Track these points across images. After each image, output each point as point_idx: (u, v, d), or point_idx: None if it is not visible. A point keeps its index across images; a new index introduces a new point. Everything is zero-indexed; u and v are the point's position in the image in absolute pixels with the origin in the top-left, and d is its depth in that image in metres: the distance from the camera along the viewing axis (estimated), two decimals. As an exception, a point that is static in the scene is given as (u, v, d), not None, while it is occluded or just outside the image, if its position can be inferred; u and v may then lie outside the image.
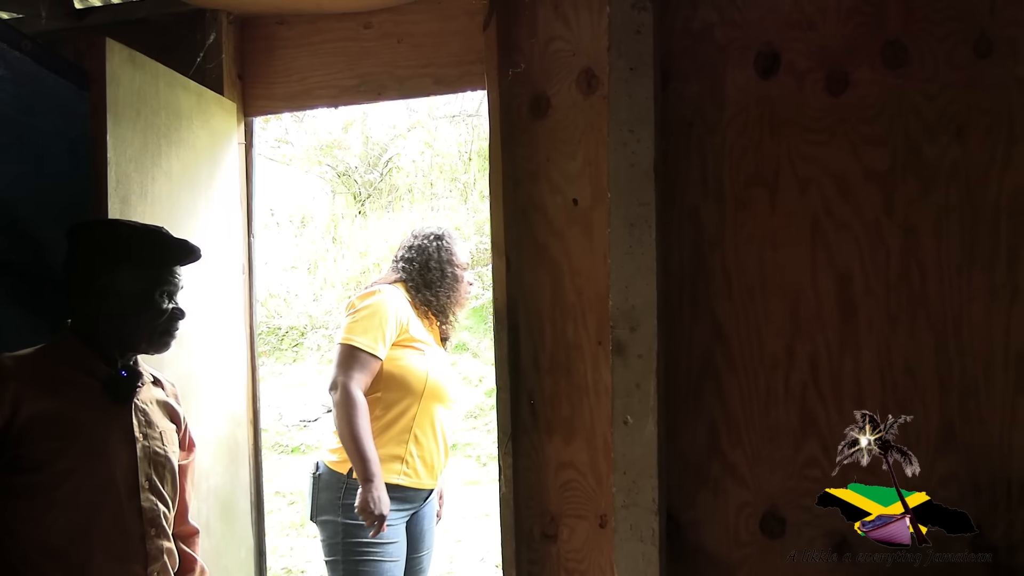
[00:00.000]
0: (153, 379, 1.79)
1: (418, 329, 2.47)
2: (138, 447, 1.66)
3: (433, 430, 2.44)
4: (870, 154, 2.04)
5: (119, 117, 1.98)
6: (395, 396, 2.39)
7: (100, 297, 1.64)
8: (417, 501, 2.48)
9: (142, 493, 1.65)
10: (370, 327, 2.35)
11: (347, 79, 2.57)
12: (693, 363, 2.16)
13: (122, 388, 1.66)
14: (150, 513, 1.66)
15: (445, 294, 2.55)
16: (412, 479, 2.40)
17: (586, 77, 2.26)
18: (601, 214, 2.22)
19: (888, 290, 2.02)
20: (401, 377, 2.39)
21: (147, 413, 1.70)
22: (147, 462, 1.67)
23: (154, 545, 1.66)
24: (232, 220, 2.56)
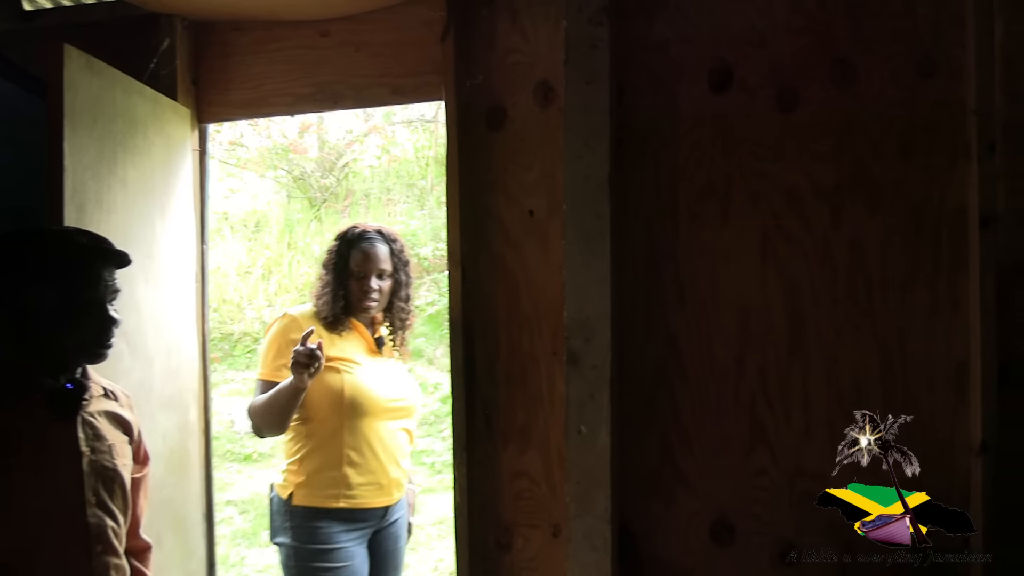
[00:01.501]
0: (104, 390, 1.74)
1: (337, 347, 2.42)
2: (84, 461, 1.61)
3: (370, 446, 2.40)
4: (819, 170, 2.09)
5: (76, 124, 1.95)
6: (318, 421, 2.38)
7: (27, 311, 1.58)
8: (371, 520, 2.44)
9: (88, 508, 1.60)
10: (266, 357, 2.44)
11: (303, 87, 2.56)
12: (646, 373, 2.19)
13: (66, 401, 1.62)
14: (97, 529, 1.62)
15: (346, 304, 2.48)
16: (356, 500, 2.38)
17: (543, 89, 2.28)
18: (557, 225, 2.23)
19: (835, 303, 2.07)
20: (318, 401, 2.37)
21: (95, 426, 1.66)
22: (94, 476, 1.62)
23: (101, 562, 1.62)
24: (186, 228, 2.53)
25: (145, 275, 2.24)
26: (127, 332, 2.12)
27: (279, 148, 9.43)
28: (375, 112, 9.46)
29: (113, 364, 2.03)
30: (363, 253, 2.48)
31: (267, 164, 9.47)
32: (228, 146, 9.34)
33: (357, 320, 2.51)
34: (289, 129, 9.49)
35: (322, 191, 9.08)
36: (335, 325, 2.45)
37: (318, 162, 9.32)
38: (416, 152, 9.29)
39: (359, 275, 2.47)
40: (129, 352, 2.14)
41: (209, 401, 2.67)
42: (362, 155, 9.46)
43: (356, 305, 2.48)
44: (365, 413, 2.39)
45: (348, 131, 9.54)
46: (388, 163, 9.40)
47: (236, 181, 9.39)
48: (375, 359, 2.51)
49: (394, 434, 2.46)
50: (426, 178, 8.96)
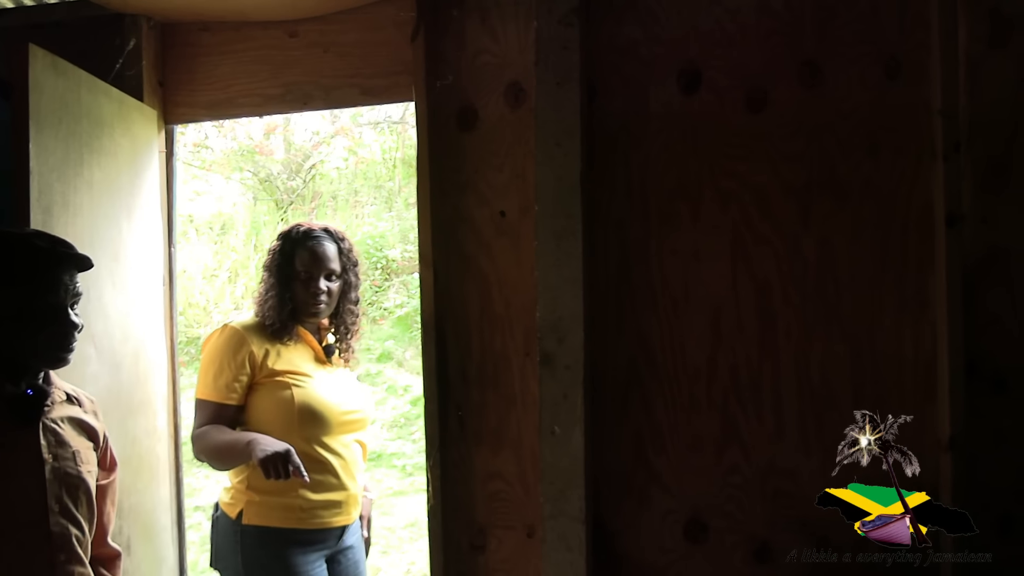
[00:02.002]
0: (67, 396, 1.70)
1: (284, 359, 2.26)
2: (47, 468, 1.57)
3: (325, 464, 2.21)
4: (788, 170, 2.11)
5: (41, 125, 1.92)
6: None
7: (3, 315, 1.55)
8: (329, 541, 2.26)
9: (51, 516, 1.57)
10: (207, 374, 2.23)
11: (272, 88, 2.54)
12: (619, 374, 2.20)
13: (27, 408, 1.58)
14: (60, 538, 1.58)
15: (292, 309, 2.30)
16: (313, 521, 2.20)
17: (513, 90, 2.28)
18: (528, 226, 2.24)
19: (805, 301, 2.10)
20: (267, 417, 2.20)
21: (58, 432, 1.62)
22: (57, 484, 1.59)
23: (64, 571, 1.59)
24: (153, 230, 2.50)
25: (112, 278, 2.21)
26: (94, 336, 2.09)
27: (245, 150, 9.35)
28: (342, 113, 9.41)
29: (80, 369, 2.01)
30: (310, 252, 2.30)
31: (233, 166, 9.38)
32: (193, 148, 9.24)
33: (304, 327, 2.35)
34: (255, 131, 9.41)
35: (289, 193, 9.01)
36: (281, 333, 2.28)
37: (284, 164, 9.24)
38: (383, 153, 9.26)
39: (305, 276, 2.29)
40: (96, 356, 2.10)
41: (178, 406, 2.64)
42: (329, 156, 9.40)
43: (303, 309, 2.30)
44: (318, 428, 2.21)
45: (315, 133, 9.48)
46: (355, 165, 9.35)
47: (201, 183, 9.29)
48: (325, 369, 2.34)
49: (349, 448, 2.29)
50: (394, 179, 8.92)
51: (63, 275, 1.60)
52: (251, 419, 2.23)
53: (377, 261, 7.86)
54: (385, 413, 6.40)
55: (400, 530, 5.04)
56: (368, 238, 8.06)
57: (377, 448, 6.01)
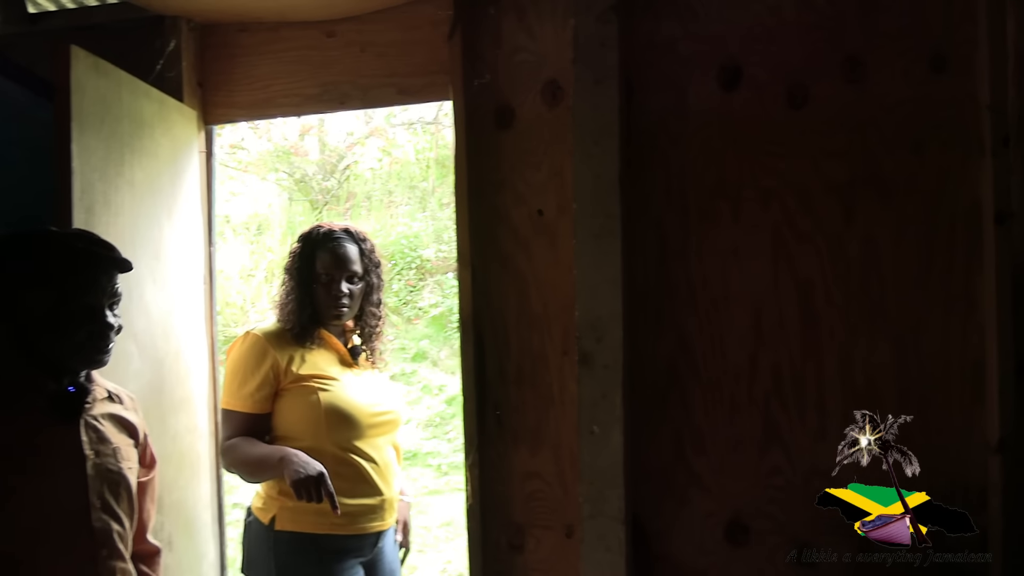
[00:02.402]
0: (108, 393, 1.72)
1: (309, 363, 2.21)
2: (88, 465, 1.59)
3: (357, 468, 2.17)
4: (830, 167, 2.07)
5: (83, 126, 1.94)
6: (298, 444, 2.13)
7: (24, 316, 1.57)
8: (364, 548, 2.22)
9: (93, 512, 1.59)
10: (232, 384, 2.19)
11: (310, 88, 2.55)
12: (658, 373, 2.18)
13: (68, 405, 1.60)
14: (102, 534, 1.60)
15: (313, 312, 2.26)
16: (347, 527, 2.16)
17: (551, 88, 2.27)
18: (566, 225, 2.22)
19: (849, 300, 2.06)
20: (294, 423, 2.17)
21: (99, 429, 1.64)
22: (99, 480, 1.61)
23: (106, 567, 1.60)
24: (194, 230, 2.52)
25: (153, 277, 2.23)
26: (136, 334, 2.12)
27: (280, 151, 9.43)
28: (375, 114, 9.46)
29: (123, 366, 2.03)
30: (330, 254, 2.25)
31: (268, 167, 9.46)
32: (229, 149, 9.33)
33: (327, 330, 2.30)
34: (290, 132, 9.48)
35: (323, 193, 9.07)
36: (303, 337, 2.23)
37: (319, 164, 9.31)
38: (417, 154, 9.29)
39: (327, 279, 2.24)
40: (139, 354, 2.13)
41: (218, 403, 2.65)
42: (363, 157, 9.46)
43: (325, 313, 2.26)
44: (348, 432, 2.17)
45: (349, 133, 9.53)
46: (389, 165, 9.39)
47: (237, 184, 9.39)
48: (352, 372, 2.29)
49: (382, 451, 2.24)
50: (427, 180, 8.95)
51: (100, 276, 1.61)
52: (279, 426, 2.20)
53: (412, 261, 7.89)
54: (420, 413, 6.42)
55: (436, 529, 5.06)
56: (402, 238, 8.10)
57: (412, 447, 6.03)
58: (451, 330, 7.11)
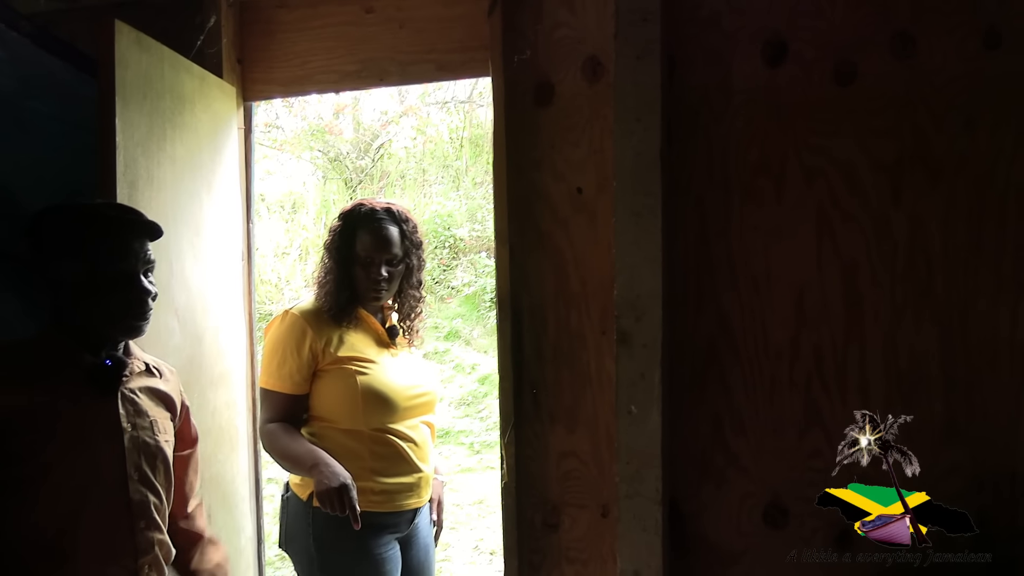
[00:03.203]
0: (147, 366, 1.73)
1: (347, 345, 2.21)
2: (126, 437, 1.61)
3: (394, 448, 2.18)
4: (878, 145, 2.03)
5: (127, 100, 1.94)
6: (334, 424, 2.17)
7: (59, 287, 1.59)
8: (400, 524, 2.24)
9: (131, 484, 1.60)
10: (271, 364, 2.18)
11: (348, 64, 2.54)
12: (697, 353, 2.16)
13: (105, 377, 1.61)
14: (139, 505, 1.62)
15: (352, 293, 2.24)
16: (385, 504, 2.17)
17: (591, 64, 2.24)
18: (605, 203, 2.20)
19: (894, 282, 2.02)
20: (332, 405, 2.18)
21: (136, 402, 1.65)
22: (136, 452, 1.62)
23: (144, 537, 1.62)
24: (232, 205, 2.53)
25: (194, 252, 2.24)
26: (178, 309, 2.13)
27: (315, 129, 9.46)
28: (409, 93, 9.46)
29: (164, 341, 2.05)
30: (371, 236, 2.22)
31: (303, 145, 9.51)
32: (264, 128, 9.38)
33: (365, 310, 2.28)
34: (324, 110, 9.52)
35: (358, 172, 9.10)
36: (341, 318, 2.22)
37: (353, 143, 9.34)
38: (450, 133, 9.27)
39: (366, 261, 2.22)
40: (180, 329, 2.14)
41: (256, 380, 2.68)
42: (397, 136, 9.46)
43: (363, 294, 2.24)
44: (384, 414, 2.18)
45: (383, 112, 9.54)
46: (423, 144, 9.39)
47: (272, 163, 9.44)
48: (388, 352, 2.28)
49: (417, 430, 2.25)
50: (461, 159, 8.94)
51: (132, 242, 1.61)
52: (316, 406, 2.21)
53: (445, 240, 7.90)
54: (453, 391, 6.45)
55: (468, 507, 5.08)
56: (436, 217, 8.10)
57: (445, 426, 6.06)
58: (484, 309, 7.12)
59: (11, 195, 1.95)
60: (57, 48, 2.21)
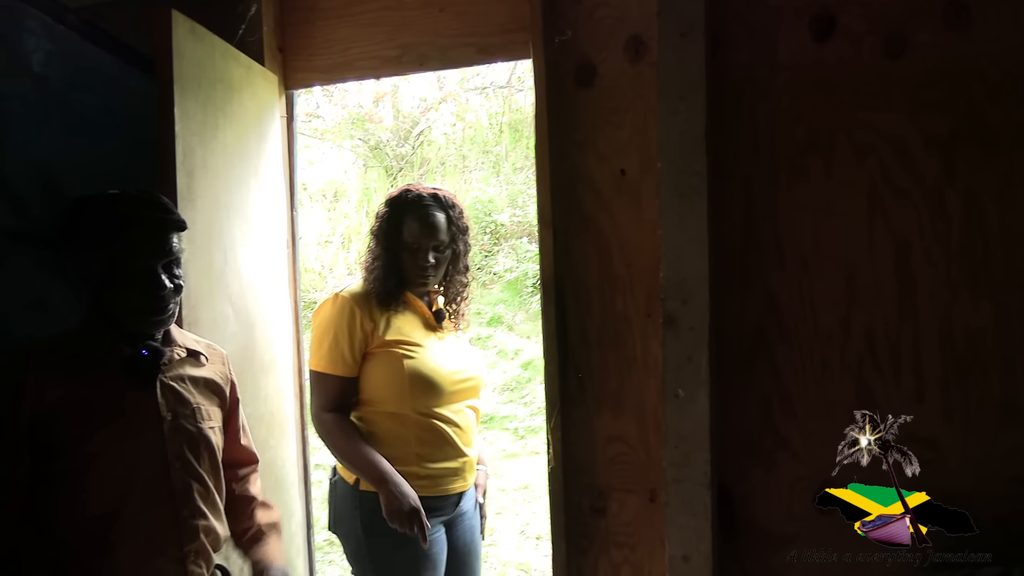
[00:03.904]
0: (188, 352, 1.74)
1: (394, 328, 2.22)
2: (165, 426, 1.62)
3: (439, 432, 2.21)
4: (931, 120, 1.97)
5: (183, 90, 1.95)
6: (381, 407, 2.20)
7: (89, 278, 1.60)
8: (446, 508, 2.26)
9: (173, 472, 1.62)
10: (321, 346, 2.19)
11: (388, 50, 2.54)
12: (745, 336, 2.13)
13: (143, 368, 1.62)
14: (182, 494, 1.64)
15: (399, 279, 2.25)
16: (431, 488, 2.20)
17: (633, 44, 2.21)
18: (650, 184, 2.18)
19: (949, 259, 1.97)
20: (378, 388, 2.20)
21: (176, 390, 1.67)
22: (177, 441, 1.64)
23: (188, 525, 1.64)
24: (277, 193, 2.55)
25: (244, 240, 2.26)
26: (231, 296, 2.15)
27: (355, 118, 9.52)
28: (448, 80, 9.46)
29: (221, 328, 2.08)
30: (419, 223, 2.22)
31: (343, 134, 9.57)
32: (305, 117, 9.45)
33: (413, 294, 2.30)
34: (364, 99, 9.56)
35: (398, 160, 9.14)
36: (389, 302, 2.23)
37: (393, 131, 9.37)
38: (490, 118, 9.26)
39: (413, 248, 2.23)
40: (234, 316, 2.17)
41: (303, 367, 2.70)
42: (436, 123, 9.48)
43: (411, 280, 2.26)
44: (431, 398, 2.19)
45: (422, 99, 9.56)
46: (463, 130, 9.40)
47: (314, 152, 9.52)
48: (435, 336, 2.30)
49: (462, 414, 2.27)
50: (501, 144, 8.93)
51: (153, 236, 1.61)
52: (363, 389, 2.22)
53: (486, 226, 7.90)
54: (496, 377, 6.46)
55: (513, 492, 5.09)
56: (477, 203, 8.11)
57: (489, 411, 6.08)
58: (526, 294, 7.12)
59: (60, 185, 1.97)
60: (104, 41, 2.23)
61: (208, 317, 2.01)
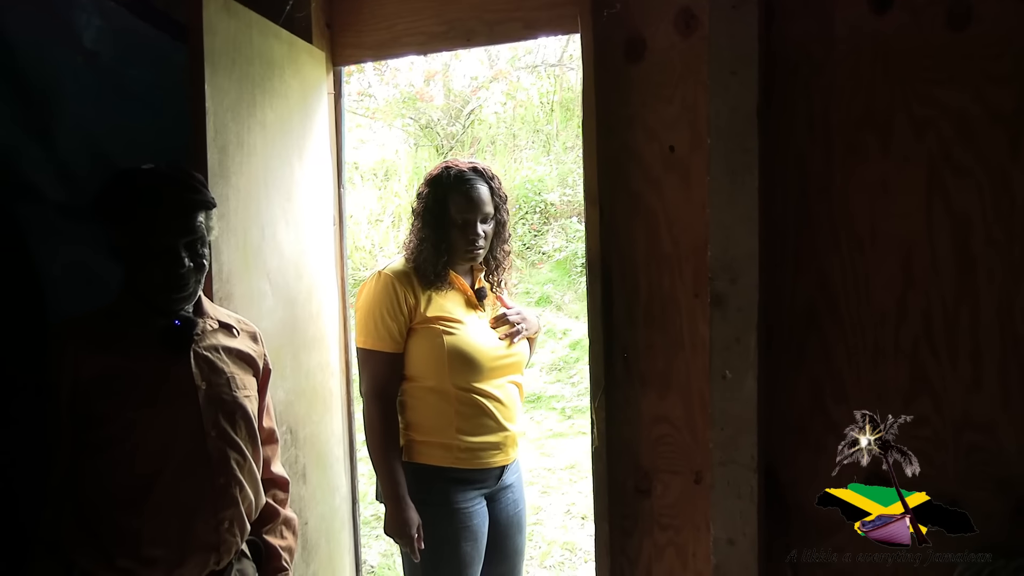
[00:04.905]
0: (220, 323, 1.76)
1: (436, 305, 2.23)
2: (200, 395, 1.65)
3: (480, 407, 2.21)
4: (995, 94, 1.89)
5: (216, 66, 1.96)
6: (423, 383, 2.22)
7: (119, 253, 1.63)
8: (488, 481, 2.27)
9: (208, 441, 1.65)
10: (368, 324, 2.21)
11: (435, 25, 2.52)
12: (796, 317, 2.08)
13: (176, 338, 1.65)
14: (219, 462, 1.66)
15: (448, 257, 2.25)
16: (472, 461, 2.22)
17: (684, 17, 2.16)
18: (699, 161, 2.13)
19: (1012, 240, 1.89)
20: (420, 364, 2.21)
21: (210, 360, 1.69)
22: (213, 409, 1.66)
23: (225, 492, 1.66)
24: (324, 171, 2.55)
25: (285, 217, 2.27)
26: (269, 272, 2.16)
27: (406, 97, 9.53)
28: (499, 58, 9.42)
29: (258, 304, 2.09)
30: (464, 198, 2.22)
31: (395, 113, 9.59)
32: (357, 96, 9.50)
33: (455, 271, 2.30)
34: (415, 78, 9.57)
35: (448, 139, 9.13)
36: (436, 282, 2.24)
37: (444, 110, 9.37)
38: (540, 97, 9.20)
39: (461, 223, 2.23)
40: (272, 292, 2.18)
41: (349, 343, 2.71)
42: (487, 102, 9.45)
43: (460, 255, 2.26)
44: (470, 374, 2.20)
45: (473, 78, 9.53)
46: (513, 109, 9.36)
47: (365, 131, 9.56)
48: (476, 313, 2.31)
49: (504, 389, 2.27)
50: (551, 123, 8.87)
51: (177, 214, 1.61)
52: (407, 365, 2.24)
53: (536, 205, 7.87)
54: (544, 357, 6.45)
55: (560, 471, 5.09)
56: (527, 182, 8.07)
57: (537, 390, 6.07)
58: (575, 274, 7.08)
59: (110, 160, 2.00)
60: (153, 17, 2.25)
61: (243, 292, 2.01)
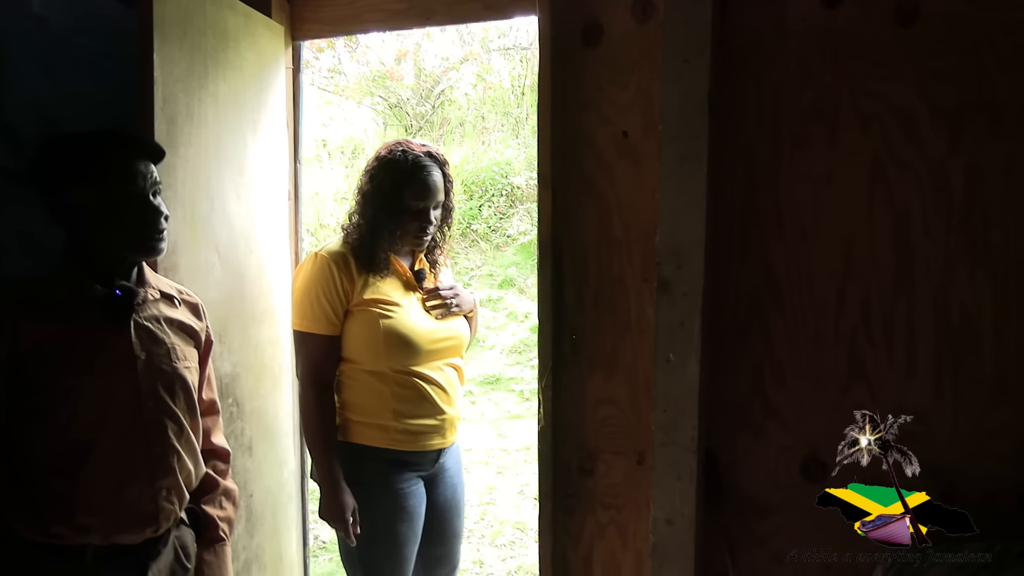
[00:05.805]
0: (161, 294, 1.77)
1: (373, 287, 2.23)
2: (139, 365, 1.65)
3: (418, 390, 2.23)
4: (938, 90, 1.93)
5: (166, 36, 1.94)
6: (359, 365, 2.23)
7: (75, 216, 1.63)
8: (424, 464, 2.29)
9: (145, 411, 1.65)
10: (304, 306, 2.22)
11: (396, 3, 2.51)
12: (740, 303, 2.11)
13: (116, 307, 1.65)
14: (155, 430, 1.66)
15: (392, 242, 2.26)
16: (408, 443, 2.24)
17: (641, 3, 2.17)
18: (651, 147, 2.15)
19: (949, 233, 1.94)
20: (356, 347, 2.22)
21: (150, 330, 1.69)
22: (151, 379, 1.66)
23: (162, 462, 1.67)
24: (279, 146, 2.54)
25: (236, 191, 2.26)
26: (218, 245, 2.16)
27: (376, 75, 9.46)
28: (472, 40, 9.38)
29: (205, 275, 2.08)
30: (421, 185, 2.23)
31: (364, 91, 9.52)
32: (327, 73, 9.42)
33: (394, 255, 2.30)
34: (387, 56, 9.50)
35: (418, 119, 9.10)
36: (379, 266, 2.24)
37: (414, 89, 9.32)
38: (512, 80, 9.19)
39: (419, 211, 2.24)
40: (220, 264, 2.17)
41: (300, 319, 2.70)
42: (458, 83, 9.42)
43: (409, 241, 2.28)
44: (407, 357, 2.21)
45: (444, 58, 9.49)
46: (484, 91, 9.34)
47: (334, 109, 9.48)
48: (415, 296, 2.31)
49: (442, 372, 2.29)
50: (521, 107, 8.87)
51: (137, 164, 1.65)
52: (344, 347, 2.25)
53: (502, 188, 7.87)
54: (505, 339, 6.48)
55: (515, 452, 5.13)
56: (494, 165, 8.07)
57: (496, 372, 6.11)
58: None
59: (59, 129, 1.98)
60: (107, -16, 2.22)
61: (190, 264, 2.01)
